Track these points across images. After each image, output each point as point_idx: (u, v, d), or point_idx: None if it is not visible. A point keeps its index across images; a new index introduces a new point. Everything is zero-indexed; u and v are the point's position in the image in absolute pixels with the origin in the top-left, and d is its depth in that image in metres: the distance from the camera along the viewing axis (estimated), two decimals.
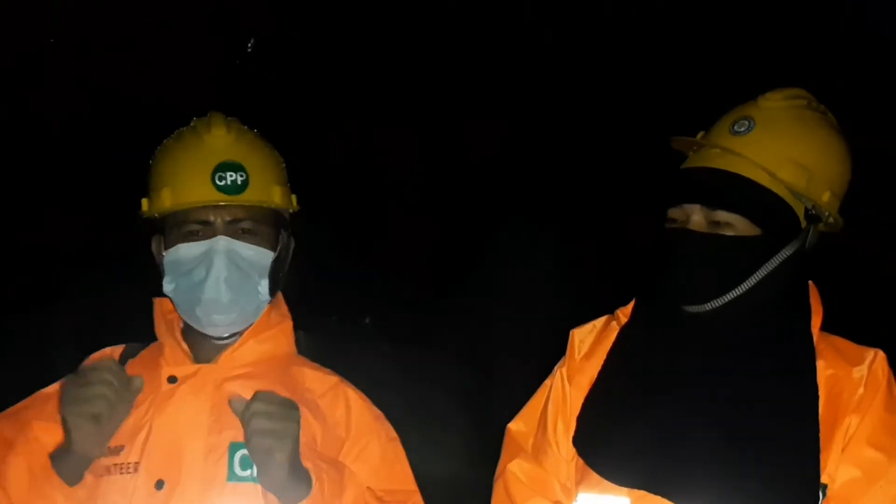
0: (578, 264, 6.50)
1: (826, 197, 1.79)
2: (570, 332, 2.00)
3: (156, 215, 1.91)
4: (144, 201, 1.93)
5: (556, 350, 2.03)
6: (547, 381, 2.00)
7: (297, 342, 2.03)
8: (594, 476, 1.82)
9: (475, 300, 6.68)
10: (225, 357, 1.91)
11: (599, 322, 1.99)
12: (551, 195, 6.88)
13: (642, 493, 1.76)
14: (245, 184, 1.87)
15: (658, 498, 1.74)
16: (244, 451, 1.78)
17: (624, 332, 1.92)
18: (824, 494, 1.70)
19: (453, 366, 6.35)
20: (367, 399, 1.97)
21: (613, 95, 6.83)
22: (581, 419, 1.88)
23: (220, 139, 1.90)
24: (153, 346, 1.98)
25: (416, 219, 7.00)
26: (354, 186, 7.14)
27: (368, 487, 1.86)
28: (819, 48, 6.04)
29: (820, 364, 1.76)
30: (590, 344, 1.96)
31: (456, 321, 6.61)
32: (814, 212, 1.79)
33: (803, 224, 1.79)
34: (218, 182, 1.86)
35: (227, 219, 1.86)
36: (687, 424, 1.75)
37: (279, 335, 1.98)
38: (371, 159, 7.16)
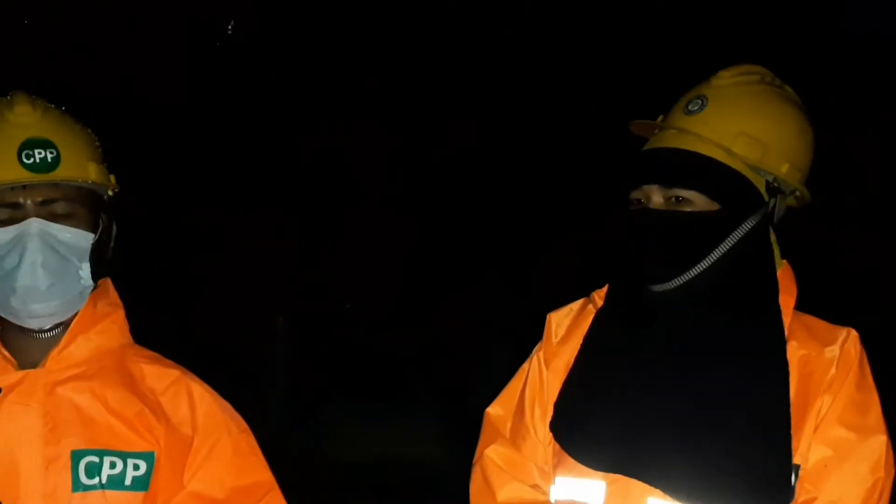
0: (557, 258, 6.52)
1: (785, 168, 1.79)
2: (547, 316, 1.99)
3: None
4: None
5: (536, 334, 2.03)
6: (524, 366, 1.99)
7: (277, 328, 1.94)
8: (570, 460, 1.81)
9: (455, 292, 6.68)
10: (53, 359, 1.75)
11: (576, 305, 1.98)
12: (529, 192, 6.89)
13: (617, 476, 1.75)
14: (56, 161, 1.70)
15: (633, 481, 1.74)
16: (90, 458, 1.69)
17: (599, 315, 1.92)
18: (797, 475, 1.70)
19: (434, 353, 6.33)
20: (213, 391, 1.85)
21: (589, 93, 6.86)
22: (558, 404, 1.87)
23: (24, 116, 1.74)
24: None
25: (392, 215, 7.01)
26: (328, 183, 7.13)
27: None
28: (793, 47, 6.09)
29: (792, 344, 1.76)
30: (566, 327, 1.95)
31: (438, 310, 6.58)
32: (775, 184, 1.80)
33: (766, 198, 1.80)
34: (25, 160, 1.69)
35: (39, 200, 1.70)
36: (658, 406, 1.75)
37: (111, 326, 1.81)
38: (345, 157, 7.14)
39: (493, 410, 1.99)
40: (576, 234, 6.35)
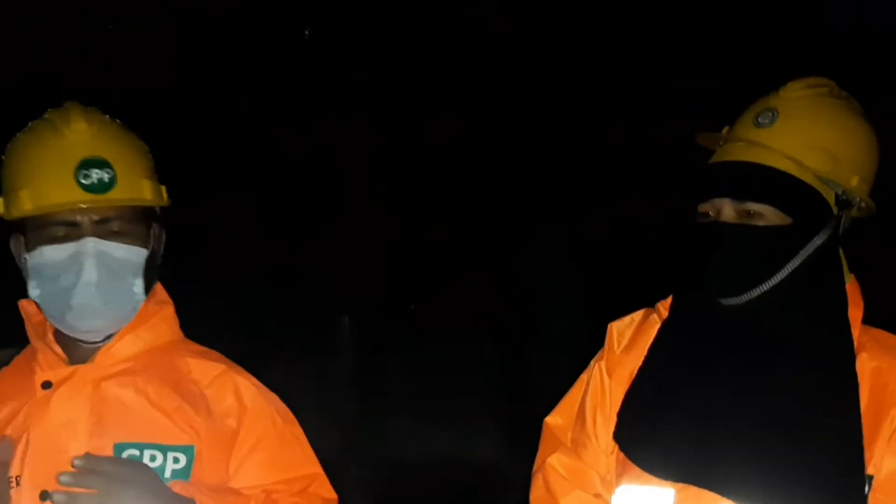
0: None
1: (855, 181, 1.81)
2: (609, 326, 2.00)
3: (14, 217, 1.78)
4: (0, 201, 1.80)
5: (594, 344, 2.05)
6: (584, 375, 2.00)
7: (340, 327, 1.94)
8: (636, 469, 1.82)
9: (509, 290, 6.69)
10: (101, 354, 1.81)
11: (638, 315, 2.00)
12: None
13: (684, 485, 1.77)
14: (112, 181, 1.75)
15: (700, 491, 1.75)
16: (131, 451, 1.75)
17: (665, 326, 1.93)
18: (870, 485, 1.72)
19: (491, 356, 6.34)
20: (259, 383, 1.89)
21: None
22: (622, 414, 1.88)
23: (81, 134, 1.77)
24: (27, 350, 1.89)
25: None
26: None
27: (263, 489, 1.81)
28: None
29: (863, 356, 1.78)
30: (629, 337, 1.97)
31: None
32: (844, 197, 1.81)
33: (835, 210, 1.81)
34: (83, 181, 1.74)
35: (95, 219, 1.74)
36: (729, 417, 1.76)
37: (159, 323, 1.87)
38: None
39: (553, 420, 2.00)
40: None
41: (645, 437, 1.82)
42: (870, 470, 1.71)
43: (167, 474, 1.75)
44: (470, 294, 6.73)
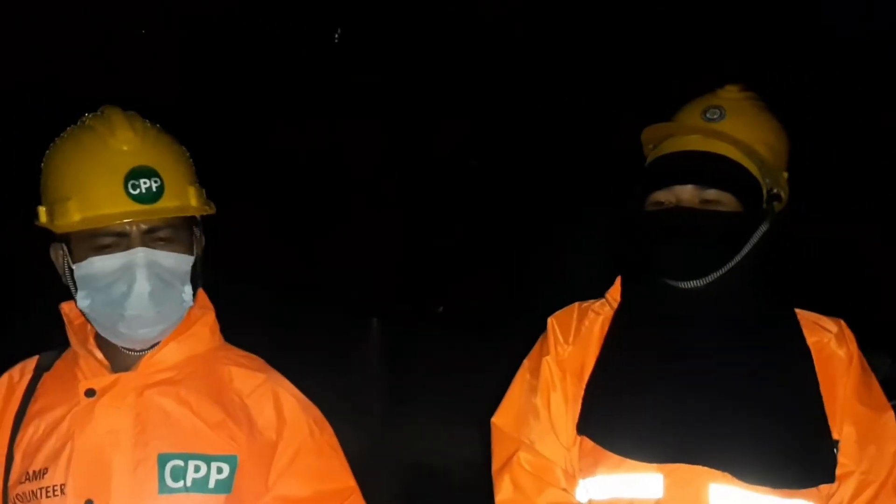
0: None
1: (785, 175, 1.95)
2: (549, 320, 2.03)
3: (62, 231, 1.76)
4: (41, 210, 1.78)
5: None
6: (522, 373, 2.02)
7: (370, 329, 1.94)
8: (612, 458, 1.85)
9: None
10: (145, 363, 1.81)
11: (574, 308, 2.03)
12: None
13: (673, 466, 1.80)
14: (161, 190, 1.73)
15: (690, 470, 1.79)
16: (175, 462, 1.74)
17: (620, 314, 1.96)
18: (837, 449, 1.83)
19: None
20: (298, 392, 1.90)
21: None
22: (588, 405, 1.90)
23: (127, 142, 1.74)
24: (68, 353, 1.88)
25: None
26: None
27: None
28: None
29: (804, 333, 1.89)
30: (574, 328, 1.99)
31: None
32: (774, 191, 1.93)
33: (764, 203, 1.92)
34: (132, 191, 1.71)
35: (144, 228, 1.73)
36: (705, 396, 1.82)
37: (201, 329, 1.87)
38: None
39: (501, 420, 2.00)
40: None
41: (621, 424, 1.85)
42: (835, 435, 1.82)
43: (211, 485, 1.75)
44: (490, 293, 6.75)
